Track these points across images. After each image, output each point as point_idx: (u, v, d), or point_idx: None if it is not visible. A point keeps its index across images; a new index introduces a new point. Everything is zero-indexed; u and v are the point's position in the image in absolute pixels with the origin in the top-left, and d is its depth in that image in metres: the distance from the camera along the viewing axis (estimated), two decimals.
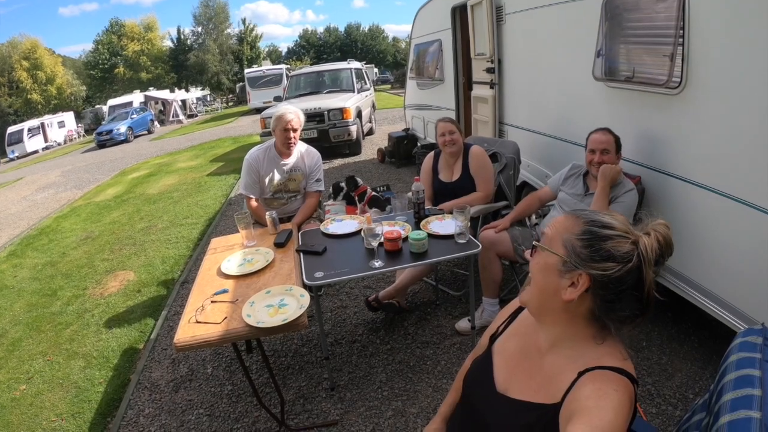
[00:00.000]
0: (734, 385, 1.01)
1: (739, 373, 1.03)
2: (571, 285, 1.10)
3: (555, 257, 1.13)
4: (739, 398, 0.96)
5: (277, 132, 3.51)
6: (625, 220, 1.12)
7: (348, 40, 61.78)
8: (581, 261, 1.08)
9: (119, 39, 44.84)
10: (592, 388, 1.03)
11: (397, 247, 2.74)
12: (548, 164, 4.29)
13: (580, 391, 1.05)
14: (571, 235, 1.12)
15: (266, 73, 28.46)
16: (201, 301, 2.42)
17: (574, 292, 1.09)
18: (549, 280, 1.14)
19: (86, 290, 5.15)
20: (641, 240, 1.06)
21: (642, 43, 2.93)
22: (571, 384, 1.08)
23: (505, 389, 1.24)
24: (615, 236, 1.08)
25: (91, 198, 10.52)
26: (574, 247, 1.10)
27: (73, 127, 34.39)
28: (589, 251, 1.08)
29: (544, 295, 1.17)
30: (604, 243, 1.07)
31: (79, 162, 18.88)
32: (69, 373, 3.64)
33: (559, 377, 1.12)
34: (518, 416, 1.16)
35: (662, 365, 2.88)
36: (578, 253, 1.09)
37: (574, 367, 1.10)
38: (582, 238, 1.10)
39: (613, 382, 1.03)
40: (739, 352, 1.10)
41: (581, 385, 1.05)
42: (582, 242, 1.10)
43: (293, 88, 12.18)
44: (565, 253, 1.11)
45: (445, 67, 7.04)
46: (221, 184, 9.59)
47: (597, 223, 1.10)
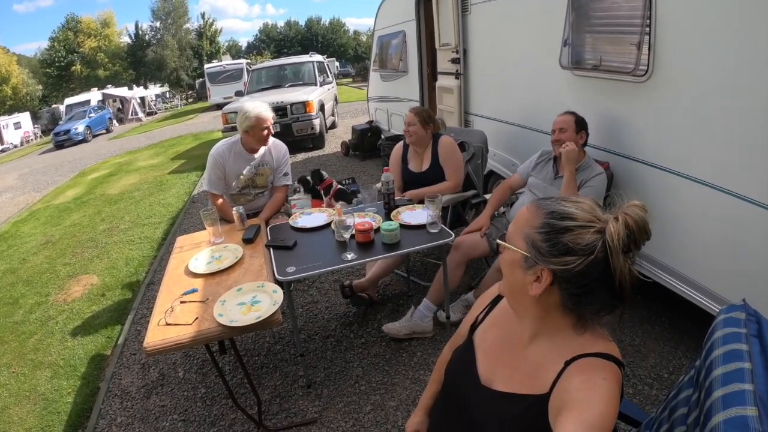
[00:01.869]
0: (723, 360, 1.01)
1: (726, 348, 1.04)
2: (535, 280, 1.08)
3: (517, 253, 1.11)
4: (730, 372, 0.97)
5: (253, 132, 3.38)
6: (592, 207, 1.07)
7: (309, 33, 61.34)
8: (541, 256, 1.06)
9: (75, 35, 43.46)
10: (581, 378, 1.02)
11: (369, 238, 2.72)
12: (515, 153, 4.31)
13: (569, 381, 1.03)
14: (531, 229, 1.09)
15: (226, 68, 28.17)
16: (170, 302, 2.35)
17: (539, 287, 1.07)
18: (516, 276, 1.13)
19: (49, 297, 4.98)
20: (608, 227, 1.02)
21: (609, 32, 2.96)
22: (558, 373, 1.06)
23: (490, 381, 1.22)
24: (575, 227, 1.04)
25: (50, 201, 10.21)
26: (534, 241, 1.07)
27: (29, 128, 33.30)
28: (548, 245, 1.05)
29: (513, 290, 1.16)
30: (562, 236, 1.04)
31: (37, 164, 18.32)
32: (35, 384, 3.51)
33: (545, 367, 1.10)
34: (506, 409, 1.14)
35: (635, 346, 2.93)
36: (538, 248, 1.06)
37: (560, 356, 1.08)
38: (541, 232, 1.07)
39: (601, 370, 1.02)
40: (724, 327, 1.10)
41: (569, 376, 1.04)
42: (541, 236, 1.07)
43: (255, 82, 12.04)
44: (525, 249, 1.09)
45: (409, 59, 7.02)
46: (183, 182, 9.44)
47: (556, 215, 1.07)
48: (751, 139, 2.09)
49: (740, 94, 2.12)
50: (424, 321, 3.14)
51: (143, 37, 44.59)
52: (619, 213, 1.04)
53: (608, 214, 1.05)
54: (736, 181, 2.21)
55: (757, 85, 2.02)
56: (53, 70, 43.21)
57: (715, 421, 0.89)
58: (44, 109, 40.38)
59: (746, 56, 2.06)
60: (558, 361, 1.07)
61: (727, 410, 0.89)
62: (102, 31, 44.34)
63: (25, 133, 31.92)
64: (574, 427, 0.94)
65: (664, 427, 1.18)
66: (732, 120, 2.18)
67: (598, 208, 1.08)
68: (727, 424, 0.86)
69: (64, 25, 44.58)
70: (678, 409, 1.16)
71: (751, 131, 2.09)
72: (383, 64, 8.34)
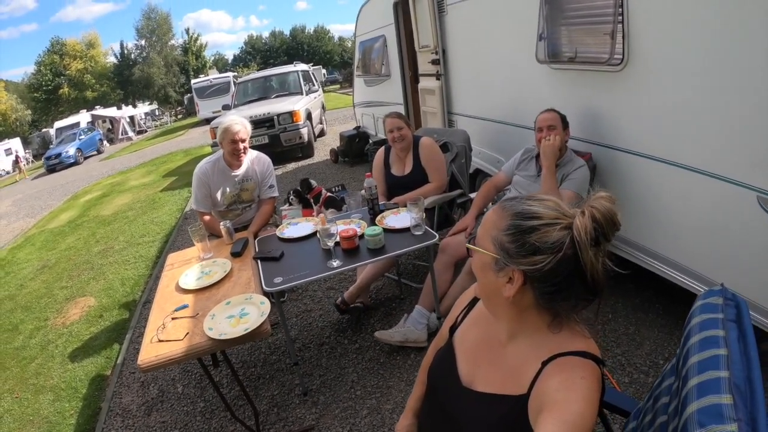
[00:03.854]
0: (699, 347, 1.01)
1: (702, 335, 1.04)
2: (508, 281, 1.08)
3: (487, 256, 1.11)
4: (705, 360, 0.97)
5: (224, 144, 3.41)
6: (557, 204, 1.07)
7: (294, 43, 61.31)
8: (510, 257, 1.06)
9: (61, 58, 43.51)
10: (559, 379, 1.02)
11: (354, 245, 2.75)
12: (499, 150, 4.35)
13: (546, 382, 1.04)
14: (498, 231, 1.09)
15: (213, 83, 28.19)
16: (161, 319, 2.39)
17: (512, 289, 1.07)
18: (488, 278, 1.13)
19: (48, 321, 5.02)
20: (574, 223, 1.02)
21: (583, 24, 2.99)
22: (536, 374, 1.07)
23: (470, 382, 1.23)
24: (541, 226, 1.03)
25: (45, 225, 10.25)
26: (502, 243, 1.08)
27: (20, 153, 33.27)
28: (516, 246, 1.05)
29: (487, 292, 1.17)
30: (529, 236, 1.04)
31: (30, 189, 18.40)
32: (38, 408, 3.55)
33: (524, 368, 1.11)
34: (486, 409, 1.15)
35: (630, 335, 2.95)
36: (506, 250, 1.07)
37: (537, 356, 1.08)
38: (508, 234, 1.07)
39: (578, 368, 1.03)
40: (701, 314, 1.10)
41: (547, 376, 1.04)
42: (508, 237, 1.07)
43: (241, 95, 12.04)
44: (494, 251, 1.09)
45: (390, 62, 7.07)
46: (175, 199, 9.46)
47: (521, 215, 1.07)
48: (730, 122, 2.12)
49: (717, 79, 2.14)
50: (417, 327, 3.13)
51: (129, 56, 44.66)
52: (586, 207, 1.03)
53: (575, 209, 1.05)
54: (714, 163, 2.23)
55: (733, 68, 2.05)
56: (41, 94, 43.22)
57: (690, 411, 0.89)
58: (34, 134, 40.34)
59: (722, 41, 2.08)
60: (536, 360, 1.08)
61: (702, 399, 0.89)
62: (87, 52, 44.43)
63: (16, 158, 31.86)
64: (553, 428, 0.94)
65: (648, 417, 1.20)
66: (710, 104, 2.20)
67: (564, 204, 1.08)
68: (701, 413, 0.87)
69: (50, 49, 44.71)
70: (661, 398, 1.17)
71: (730, 114, 2.11)
72: (366, 69, 8.39)
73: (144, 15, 42.97)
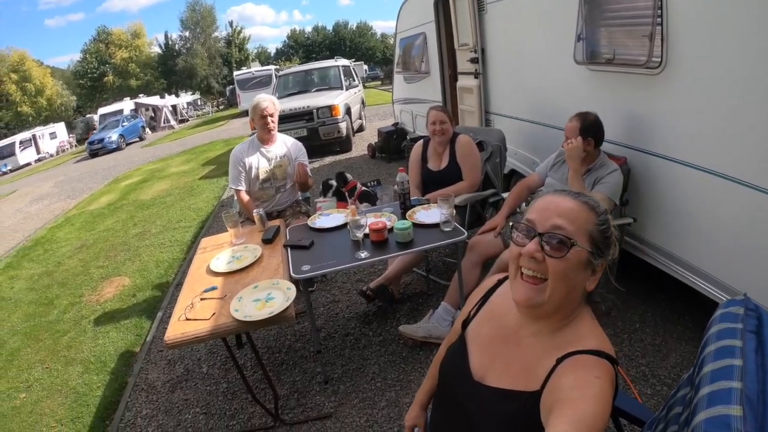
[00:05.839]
0: (714, 357, 0.99)
1: (719, 344, 1.01)
2: (591, 274, 1.12)
3: (585, 252, 1.09)
4: (719, 369, 0.94)
5: (256, 120, 3.69)
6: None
7: (336, 38, 61.60)
8: (600, 251, 1.11)
9: (107, 47, 44.55)
10: (573, 377, 1.02)
11: (383, 237, 2.75)
12: (535, 151, 4.31)
13: (561, 380, 1.03)
14: (593, 226, 1.11)
15: (255, 75, 28.30)
16: (191, 299, 2.45)
17: (595, 280, 1.13)
18: (579, 275, 1.11)
19: (82, 297, 5.17)
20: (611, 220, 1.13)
21: (621, 25, 2.94)
22: (550, 371, 1.06)
23: (482, 377, 1.22)
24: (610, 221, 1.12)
25: (85, 207, 10.52)
26: (596, 238, 1.10)
27: (64, 137, 34.26)
28: (606, 239, 1.11)
29: (570, 292, 1.12)
30: (610, 230, 1.12)
31: (72, 172, 18.87)
32: (67, 379, 3.67)
33: (538, 363, 1.10)
34: (498, 405, 1.14)
35: (656, 346, 2.87)
36: (599, 244, 1.10)
37: (552, 352, 1.08)
38: (601, 228, 1.11)
39: (593, 368, 1.02)
40: (720, 323, 1.08)
41: (562, 374, 1.04)
42: (601, 232, 1.11)
43: (282, 87, 12.11)
44: (592, 246, 1.10)
45: (430, 60, 7.04)
46: (213, 187, 9.61)
47: (602, 209, 1.13)
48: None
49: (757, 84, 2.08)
50: (442, 324, 3.11)
51: (173, 46, 45.36)
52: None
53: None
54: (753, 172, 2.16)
55: None
56: (86, 81, 44.36)
57: (698, 420, 0.87)
58: (79, 119, 41.53)
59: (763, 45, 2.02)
60: (551, 357, 1.08)
61: (710, 409, 0.87)
62: (132, 42, 45.36)
63: (60, 142, 32.92)
64: (565, 427, 0.94)
65: (660, 426, 1.18)
66: (751, 110, 2.13)
67: None
68: (708, 423, 0.85)
69: (96, 38, 45.81)
70: (674, 408, 1.15)
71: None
72: (406, 66, 8.38)
73: (189, 7, 43.59)
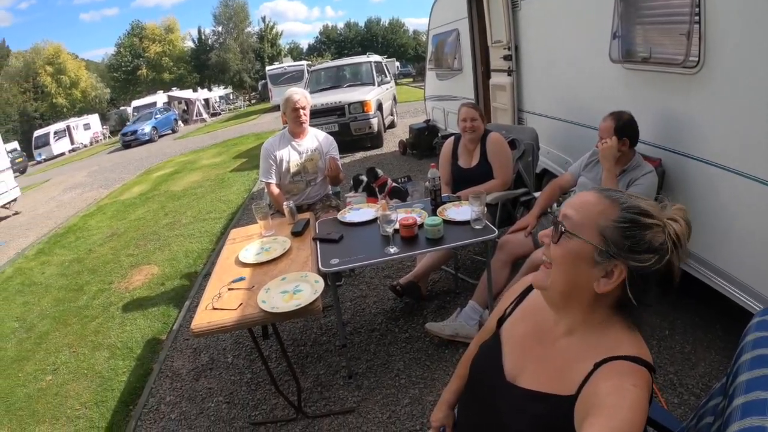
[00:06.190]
0: (750, 366, 0.95)
1: (755, 353, 0.98)
2: (604, 276, 1.03)
3: (589, 246, 1.04)
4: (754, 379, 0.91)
5: (288, 113, 3.70)
6: (657, 206, 1.04)
7: (368, 34, 61.55)
8: (620, 251, 1.01)
9: (141, 41, 45.46)
10: (611, 384, 0.97)
11: (413, 233, 2.72)
12: (568, 150, 4.22)
13: (597, 385, 0.99)
14: (608, 221, 1.03)
15: (287, 70, 28.45)
16: (218, 289, 2.45)
17: (609, 284, 1.02)
18: (579, 270, 1.06)
19: (111, 284, 5.25)
20: (673, 227, 1.00)
21: (658, 23, 2.85)
22: (587, 375, 1.02)
23: (515, 377, 1.18)
24: (653, 225, 1.00)
25: (117, 196, 10.70)
26: (612, 235, 1.02)
27: (98, 128, 35.02)
28: (630, 242, 1.00)
29: (571, 285, 1.08)
30: (644, 233, 1.00)
31: (106, 162, 19.25)
32: (94, 363, 3.73)
33: (574, 366, 1.06)
34: (530, 407, 1.10)
35: (685, 354, 2.78)
36: (617, 243, 1.01)
37: (590, 356, 1.04)
38: (621, 226, 1.01)
39: (631, 375, 0.98)
40: (756, 331, 1.04)
41: (599, 379, 1.00)
42: (622, 230, 1.01)
43: (314, 82, 12.09)
44: (601, 242, 1.02)
45: (463, 57, 6.98)
46: (244, 180, 9.68)
47: (635, 209, 1.02)
48: None
49: None
50: (469, 323, 3.07)
51: (206, 41, 46.09)
52: (675, 214, 1.03)
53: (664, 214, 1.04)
54: None
55: None
56: (120, 74, 45.38)
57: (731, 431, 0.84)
58: (112, 111, 42.60)
59: None
60: (588, 361, 1.03)
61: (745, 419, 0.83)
62: (166, 36, 46.23)
63: (94, 133, 33.70)
64: None
65: None
66: None
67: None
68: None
69: (130, 32, 46.82)
70: (705, 417, 1.11)
71: None
72: (438, 63, 8.33)
73: (222, 2, 44.33)
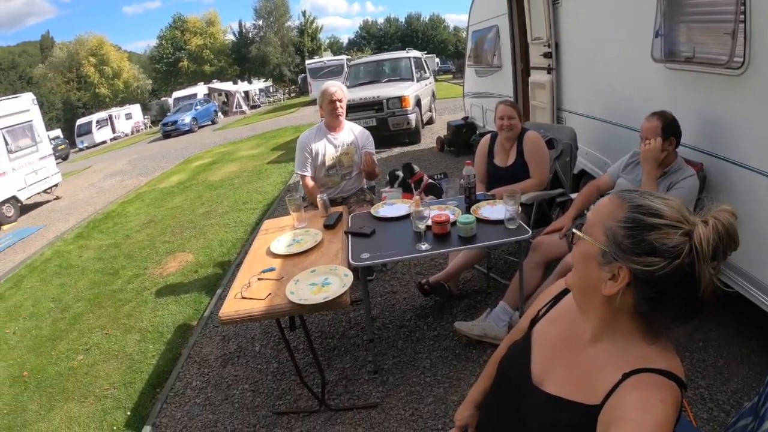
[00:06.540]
0: None
1: None
2: (611, 278, 0.99)
3: (595, 246, 1.02)
4: None
5: (324, 106, 3.68)
6: (681, 206, 0.97)
7: (408, 30, 61.45)
8: (622, 252, 0.97)
9: (182, 34, 46.37)
10: (637, 397, 0.93)
11: (445, 230, 2.68)
12: (607, 151, 4.11)
13: (623, 398, 0.95)
14: (613, 221, 1.00)
15: (327, 64, 28.51)
16: (248, 278, 2.47)
17: (614, 287, 0.98)
18: (589, 270, 1.04)
19: (146, 270, 5.36)
20: (696, 230, 0.92)
21: (701, 21, 2.73)
22: (614, 386, 0.98)
23: (541, 381, 1.15)
24: (662, 226, 0.94)
25: (156, 185, 10.93)
26: (615, 236, 0.98)
27: (139, 118, 35.90)
28: (631, 242, 0.96)
29: (583, 285, 1.08)
30: (648, 233, 0.95)
31: (145, 151, 19.68)
32: (124, 345, 3.82)
33: (601, 375, 1.02)
34: (552, 413, 1.08)
35: (718, 368, 2.65)
36: (619, 243, 0.97)
37: (618, 366, 1.00)
38: (624, 226, 0.97)
39: (659, 390, 0.94)
40: None
41: (625, 391, 0.96)
42: (624, 231, 0.97)
43: (353, 77, 12.08)
44: (604, 242, 1.00)
45: (502, 54, 6.87)
46: (281, 172, 9.76)
47: (643, 209, 0.97)
48: None
49: None
50: (498, 324, 3.02)
51: (247, 34, 46.72)
52: (709, 217, 0.94)
53: (696, 217, 0.95)
54: None
55: None
56: (162, 66, 46.48)
57: None
58: (154, 102, 43.66)
59: None
60: (616, 371, 1.00)
61: None
62: (207, 29, 47.02)
63: (135, 123, 34.57)
64: None
65: None
66: None
67: (685, 208, 0.98)
68: None
69: (172, 25, 47.92)
70: None
71: None
72: (478, 60, 8.24)
73: None
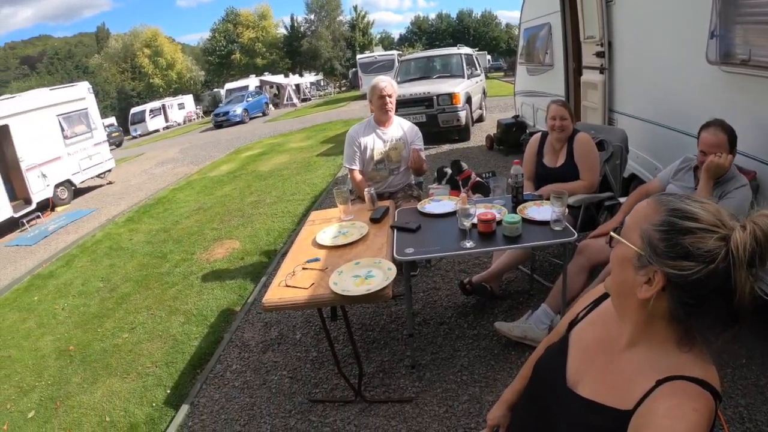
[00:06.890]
0: None
1: None
2: (646, 282, 0.97)
3: (631, 249, 1.00)
4: None
5: (374, 101, 3.69)
6: (718, 210, 0.94)
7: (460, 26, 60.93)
8: (656, 256, 0.95)
9: (235, 27, 47.36)
10: (669, 404, 0.92)
11: (491, 229, 2.65)
12: (658, 155, 3.98)
13: (656, 404, 0.94)
14: (649, 225, 0.98)
15: (378, 59, 28.63)
16: (293, 267, 2.52)
17: (649, 290, 0.96)
18: (626, 274, 1.03)
19: (194, 255, 5.51)
20: (733, 235, 0.89)
21: (758, 22, 2.62)
22: (647, 392, 0.96)
23: (575, 384, 1.15)
24: (697, 230, 0.91)
25: (206, 173, 11.18)
26: (651, 239, 0.96)
27: (192, 108, 36.85)
28: (665, 246, 0.94)
29: (620, 289, 1.06)
30: (682, 237, 0.92)
31: (197, 140, 20.14)
32: (168, 326, 3.96)
33: (635, 380, 1.00)
34: (584, 417, 1.07)
35: (759, 387, 2.54)
36: (654, 247, 0.95)
37: (653, 372, 0.98)
38: (660, 230, 0.95)
39: (693, 399, 0.92)
40: None
41: (658, 398, 0.94)
42: (659, 234, 0.95)
43: (403, 72, 12.00)
44: (640, 246, 0.98)
45: (554, 52, 6.73)
46: (329, 164, 9.82)
47: (679, 213, 0.95)
48: None
49: None
50: (539, 327, 2.97)
51: (298, 28, 47.23)
52: (748, 222, 0.91)
53: (735, 222, 0.92)
54: None
55: None
56: (214, 58, 47.59)
57: None
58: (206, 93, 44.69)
59: None
60: (650, 377, 0.98)
61: None
62: (259, 23, 47.91)
63: (188, 113, 35.54)
64: None
65: None
66: None
67: (725, 212, 0.95)
68: None
69: (224, 18, 49.03)
70: None
71: None
72: (529, 58, 8.10)
73: None
